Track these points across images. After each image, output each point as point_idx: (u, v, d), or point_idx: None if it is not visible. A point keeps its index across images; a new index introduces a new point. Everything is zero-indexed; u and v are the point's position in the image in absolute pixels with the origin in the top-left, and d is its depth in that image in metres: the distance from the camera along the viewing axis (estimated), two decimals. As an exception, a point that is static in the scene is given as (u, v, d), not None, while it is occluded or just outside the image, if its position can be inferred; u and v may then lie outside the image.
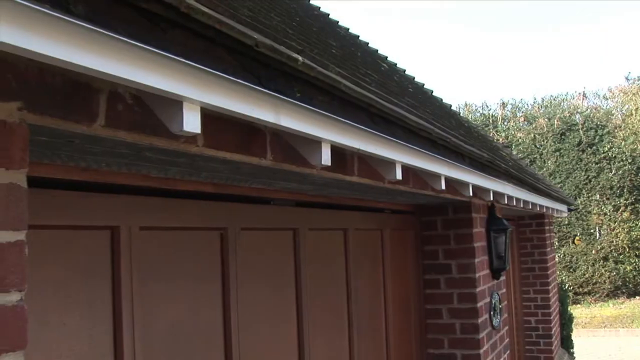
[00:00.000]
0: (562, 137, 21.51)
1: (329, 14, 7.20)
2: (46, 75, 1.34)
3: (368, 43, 7.86)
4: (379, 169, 2.74)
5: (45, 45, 1.02)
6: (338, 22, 7.45)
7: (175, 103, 1.38)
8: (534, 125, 22.00)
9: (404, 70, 8.17)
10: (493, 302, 5.36)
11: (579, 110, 22.40)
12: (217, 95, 1.42)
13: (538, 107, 23.45)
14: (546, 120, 21.76)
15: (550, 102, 23.62)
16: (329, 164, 2.03)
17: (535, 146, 21.58)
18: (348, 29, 7.55)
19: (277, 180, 2.61)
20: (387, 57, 8.06)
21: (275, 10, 2.95)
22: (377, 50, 7.86)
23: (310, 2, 6.54)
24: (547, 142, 21.48)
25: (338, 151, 2.27)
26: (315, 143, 1.98)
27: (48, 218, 1.92)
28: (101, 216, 2.10)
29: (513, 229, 6.04)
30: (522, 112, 23.42)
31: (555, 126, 21.50)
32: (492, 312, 5.27)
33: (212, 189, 2.55)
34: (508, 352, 5.88)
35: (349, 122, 2.02)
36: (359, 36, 7.75)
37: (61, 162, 1.91)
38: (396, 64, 8.05)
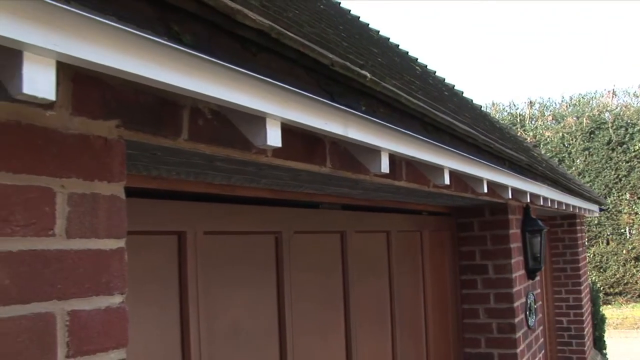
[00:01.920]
0: (591, 135, 21.34)
1: (359, 17, 7.31)
2: (139, 94, 1.46)
3: (398, 45, 7.95)
4: (428, 174, 2.84)
5: (159, 72, 1.14)
6: (369, 24, 7.55)
7: (259, 119, 1.49)
8: (562, 124, 21.85)
9: (435, 72, 8.24)
10: (528, 302, 5.42)
11: (608, 108, 22.19)
12: (295, 112, 1.53)
13: (566, 106, 23.28)
14: (575, 118, 21.60)
15: (579, 101, 23.43)
16: (388, 172, 2.13)
17: (564, 145, 21.44)
18: (379, 32, 7.63)
19: (330, 185, 2.71)
20: (417, 59, 8.13)
21: (323, 21, 3.06)
22: (407, 52, 7.94)
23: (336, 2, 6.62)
24: (575, 141, 21.33)
25: (391, 158, 2.37)
26: (375, 152, 2.08)
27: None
28: (169, 222, 2.22)
29: (548, 229, 6.08)
30: (550, 110, 23.27)
31: (584, 125, 21.33)
32: (527, 312, 5.33)
33: (268, 195, 2.67)
34: (543, 352, 5.93)
35: (405, 131, 2.11)
36: (389, 38, 7.84)
37: (136, 172, 2.03)
38: (426, 66, 8.11)
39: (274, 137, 1.50)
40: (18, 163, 1.22)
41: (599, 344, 9.94)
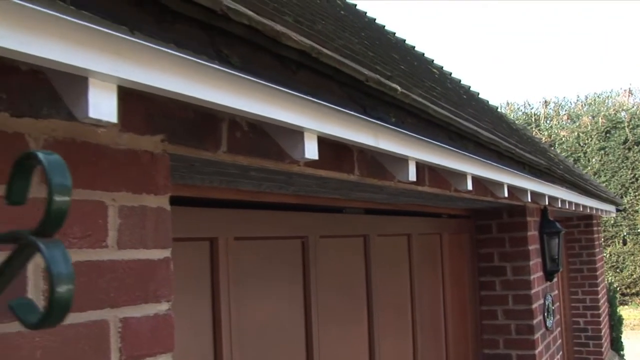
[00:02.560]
0: (607, 135, 21.24)
1: (375, 19, 7.36)
2: (182, 110, 1.53)
3: (414, 47, 7.99)
4: (450, 179, 2.89)
5: (210, 93, 1.20)
6: (385, 26, 7.61)
7: (297, 133, 1.56)
8: (577, 124, 21.76)
9: (450, 74, 8.28)
10: (546, 303, 5.45)
11: (624, 107, 22.07)
12: (331, 125, 1.59)
13: (582, 105, 23.19)
14: (590, 118, 21.51)
15: (595, 100, 23.32)
16: (415, 179, 2.19)
17: (579, 145, 21.35)
18: (395, 34, 7.68)
19: (355, 191, 2.77)
20: (433, 61, 8.17)
21: (347, 29, 3.12)
22: (423, 54, 7.99)
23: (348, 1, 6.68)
24: (591, 141, 21.23)
25: (416, 166, 2.43)
26: (403, 161, 2.14)
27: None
28: (202, 229, 2.29)
29: (565, 231, 6.11)
30: (566, 110, 23.18)
31: (600, 124, 21.23)
32: (545, 314, 5.36)
33: (294, 200, 2.73)
34: (561, 353, 5.96)
35: (432, 141, 2.17)
36: (405, 40, 7.89)
37: (172, 181, 2.10)
38: (442, 67, 8.15)
39: (311, 151, 1.56)
40: (75, 179, 1.29)
41: (616, 345, 9.93)
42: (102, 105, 1.04)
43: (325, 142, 1.93)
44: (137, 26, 1.02)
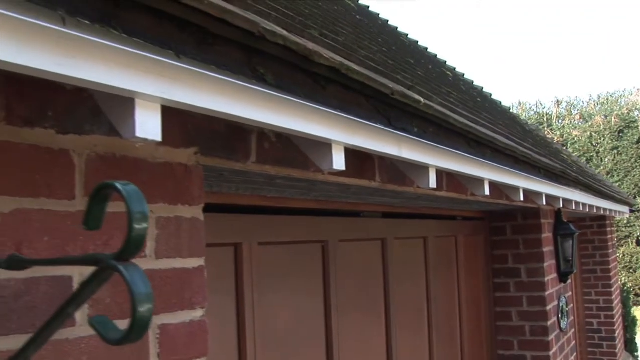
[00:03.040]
0: (620, 134, 21.16)
1: (388, 20, 7.41)
2: (214, 123, 1.59)
3: (427, 48, 8.02)
4: (468, 185, 2.94)
5: (247, 111, 1.26)
6: (397, 28, 7.65)
7: (325, 145, 1.61)
8: (590, 123, 21.69)
9: (463, 75, 8.30)
10: (560, 305, 5.48)
11: (637, 106, 21.99)
12: (358, 137, 1.64)
13: (594, 105, 23.12)
14: (603, 117, 21.44)
15: (607, 99, 23.24)
16: (435, 187, 2.24)
17: (592, 144, 21.29)
18: (407, 35, 7.72)
19: (374, 196, 2.82)
20: (446, 62, 8.21)
21: (366, 37, 3.17)
22: (436, 56, 8.02)
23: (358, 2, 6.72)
24: (604, 140, 21.16)
25: (436, 173, 2.48)
26: (423, 169, 2.19)
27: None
28: (227, 234, 2.35)
29: (579, 232, 6.13)
30: (578, 110, 23.12)
31: (613, 123, 21.16)
32: (560, 315, 5.39)
33: (315, 205, 2.79)
34: (575, 354, 5.98)
35: (451, 150, 2.22)
36: (417, 42, 7.93)
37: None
38: (455, 69, 8.18)
39: (339, 162, 1.61)
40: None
41: (630, 346, 9.92)
42: (148, 125, 1.10)
43: (349, 151, 1.98)
44: (181, 49, 1.08)
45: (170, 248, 1.46)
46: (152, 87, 1.07)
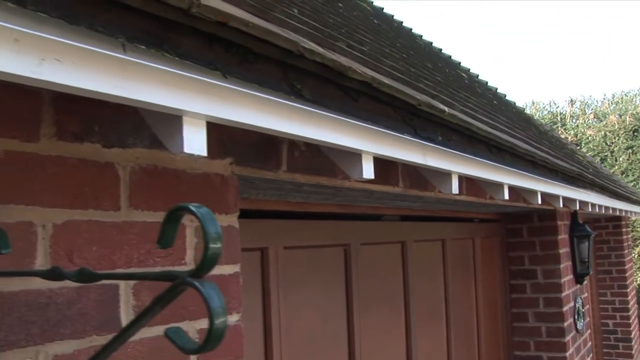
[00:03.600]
0: (635, 133, 21.02)
1: (402, 22, 7.45)
2: (248, 134, 1.65)
3: (441, 50, 8.06)
4: (487, 189, 2.98)
5: (285, 125, 1.32)
6: (412, 29, 7.69)
7: (355, 155, 1.66)
8: (604, 123, 21.58)
9: (477, 76, 8.33)
10: (577, 306, 5.50)
11: (652, 106, 21.86)
12: (385, 147, 1.70)
13: (608, 104, 22.99)
14: (617, 116, 21.33)
15: (622, 98, 23.10)
16: (457, 192, 2.29)
17: (606, 144, 21.17)
18: (421, 36, 7.76)
19: (395, 200, 2.88)
20: (460, 63, 8.23)
21: (386, 43, 3.22)
22: (450, 57, 8.05)
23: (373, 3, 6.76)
24: (618, 140, 21.05)
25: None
26: (446, 175, 2.24)
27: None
28: (255, 239, 2.41)
29: (595, 234, 6.15)
30: (592, 109, 23.01)
31: (627, 123, 21.04)
32: (576, 316, 5.41)
33: (337, 209, 2.84)
34: (591, 355, 6.00)
35: (473, 157, 2.27)
36: (432, 43, 7.96)
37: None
38: (469, 69, 8.20)
39: (368, 171, 1.67)
40: (157, 202, 1.41)
41: (645, 347, 9.90)
42: (195, 141, 1.15)
43: (375, 159, 2.04)
44: (227, 69, 1.14)
45: (208, 255, 1.52)
46: (199, 106, 1.13)
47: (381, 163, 2.17)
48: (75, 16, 0.91)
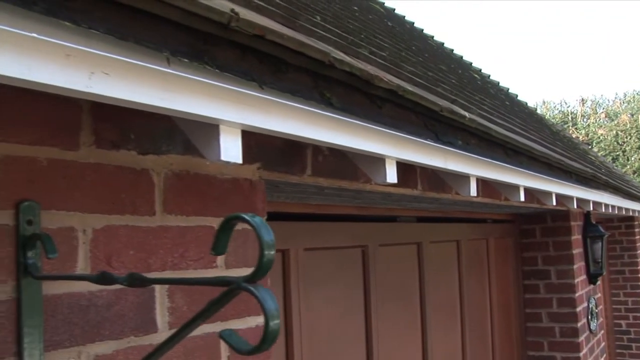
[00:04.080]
0: (647, 133, 20.99)
1: (413, 22, 7.48)
2: (274, 139, 1.69)
3: (453, 50, 8.08)
4: (503, 190, 3.01)
5: (315, 132, 1.36)
6: (423, 30, 7.72)
7: (379, 160, 1.70)
8: (615, 122, 21.54)
9: (489, 76, 8.35)
10: (590, 306, 5.51)
11: (663, 105, 21.79)
12: (408, 152, 1.74)
13: (620, 103, 22.93)
14: (629, 116, 21.27)
15: (634, 97, 23.03)
16: (476, 195, 2.32)
17: (618, 143, 21.13)
18: (433, 37, 7.79)
19: (413, 202, 2.91)
20: (472, 64, 8.26)
21: (402, 47, 3.26)
22: (462, 57, 8.07)
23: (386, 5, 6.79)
24: (630, 139, 21.00)
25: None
26: (465, 178, 2.28)
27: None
28: (276, 241, 2.44)
29: (608, 234, 6.16)
30: (603, 108, 22.96)
31: (639, 122, 21.00)
32: (589, 316, 5.43)
33: (355, 211, 2.88)
34: (605, 355, 6.02)
35: (491, 160, 2.31)
36: (443, 43, 7.99)
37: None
38: (480, 70, 8.22)
39: (391, 175, 1.71)
40: (189, 207, 1.46)
41: (658, 347, 9.88)
42: (231, 149, 1.20)
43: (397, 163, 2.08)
44: (262, 79, 1.18)
45: (238, 258, 1.57)
46: (237, 115, 1.17)
47: (401, 166, 2.22)
48: (123, 32, 0.95)
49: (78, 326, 1.22)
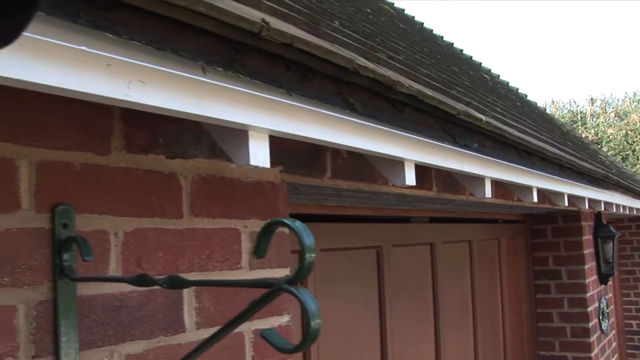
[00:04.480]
0: (656, 132, 20.90)
1: (423, 23, 7.50)
2: (296, 142, 1.72)
3: (462, 50, 8.09)
4: (515, 191, 3.04)
5: (339, 137, 1.39)
6: (432, 30, 7.73)
7: (398, 163, 1.74)
8: (625, 121, 21.47)
9: (499, 76, 8.35)
10: (601, 306, 5.52)
11: (674, 104, 21.70)
12: (426, 155, 1.77)
13: (630, 102, 22.85)
14: (639, 115, 21.20)
15: (644, 97, 22.95)
16: (491, 196, 2.35)
17: (627, 142, 21.06)
18: (442, 37, 7.80)
19: (427, 203, 2.94)
20: (481, 64, 8.26)
21: (416, 49, 3.29)
22: (471, 57, 8.08)
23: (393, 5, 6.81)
24: (640, 138, 20.93)
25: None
26: (479, 179, 2.31)
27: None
28: (294, 242, 2.48)
29: (619, 234, 6.16)
30: (613, 107, 22.88)
31: (649, 121, 20.92)
32: (600, 317, 5.44)
33: (369, 212, 2.92)
34: (616, 356, 6.02)
35: (505, 161, 2.34)
36: (453, 44, 8.00)
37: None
38: (490, 70, 8.23)
39: (410, 178, 1.74)
40: (215, 210, 1.49)
41: (668, 347, 9.86)
42: (260, 154, 1.23)
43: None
44: (290, 86, 1.22)
45: (262, 260, 1.60)
46: (266, 121, 1.21)
47: (418, 169, 2.25)
48: (161, 42, 0.99)
49: (111, 326, 1.26)
